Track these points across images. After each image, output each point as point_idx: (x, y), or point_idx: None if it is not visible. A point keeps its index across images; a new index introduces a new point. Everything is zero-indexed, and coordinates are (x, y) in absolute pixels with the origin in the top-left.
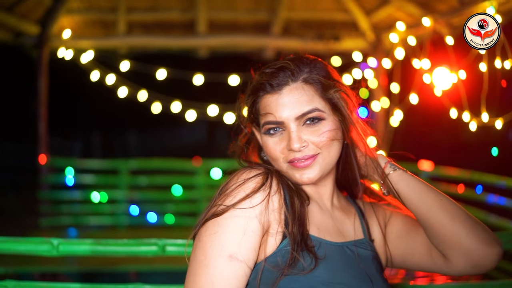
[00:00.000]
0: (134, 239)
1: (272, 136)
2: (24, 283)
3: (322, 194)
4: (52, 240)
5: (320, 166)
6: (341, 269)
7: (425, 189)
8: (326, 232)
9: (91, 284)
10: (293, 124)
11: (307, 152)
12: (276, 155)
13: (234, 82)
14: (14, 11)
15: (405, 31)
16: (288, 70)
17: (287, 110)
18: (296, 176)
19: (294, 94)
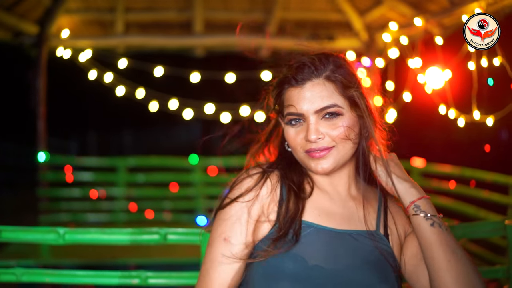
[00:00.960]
0: (137, 228)
1: (293, 126)
2: (32, 270)
3: (336, 184)
4: (58, 229)
5: (335, 159)
6: (325, 252)
7: (437, 244)
8: (328, 219)
9: (95, 271)
10: (312, 117)
11: (323, 144)
12: (296, 144)
13: (230, 81)
14: (14, 11)
15: (397, 31)
16: (312, 66)
17: (307, 104)
18: (312, 165)
19: (316, 89)
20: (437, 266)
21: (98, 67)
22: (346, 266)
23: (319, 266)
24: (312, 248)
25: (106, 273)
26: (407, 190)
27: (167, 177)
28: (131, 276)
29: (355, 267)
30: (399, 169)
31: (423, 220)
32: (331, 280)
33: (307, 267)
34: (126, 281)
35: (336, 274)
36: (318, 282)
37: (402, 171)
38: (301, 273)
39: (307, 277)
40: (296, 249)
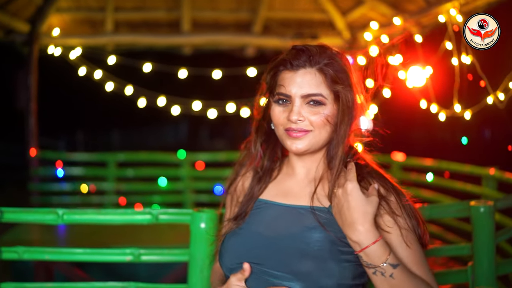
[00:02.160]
0: (130, 209)
1: (280, 105)
2: (33, 248)
3: (309, 168)
4: (57, 210)
5: (310, 142)
6: (269, 222)
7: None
8: (283, 197)
9: (92, 249)
10: (298, 100)
11: (302, 126)
12: (278, 122)
13: (217, 77)
14: (6, 10)
15: (378, 30)
16: (309, 56)
17: (296, 88)
18: (288, 143)
19: (306, 77)
20: None
21: (88, 65)
22: (284, 234)
23: (259, 233)
24: (259, 218)
25: (102, 251)
26: (351, 242)
27: (156, 172)
28: (125, 253)
29: (293, 235)
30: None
31: (366, 267)
32: (268, 245)
33: (250, 231)
34: (121, 258)
35: (273, 240)
36: (257, 245)
37: (353, 209)
38: (244, 236)
39: (247, 240)
40: (245, 222)
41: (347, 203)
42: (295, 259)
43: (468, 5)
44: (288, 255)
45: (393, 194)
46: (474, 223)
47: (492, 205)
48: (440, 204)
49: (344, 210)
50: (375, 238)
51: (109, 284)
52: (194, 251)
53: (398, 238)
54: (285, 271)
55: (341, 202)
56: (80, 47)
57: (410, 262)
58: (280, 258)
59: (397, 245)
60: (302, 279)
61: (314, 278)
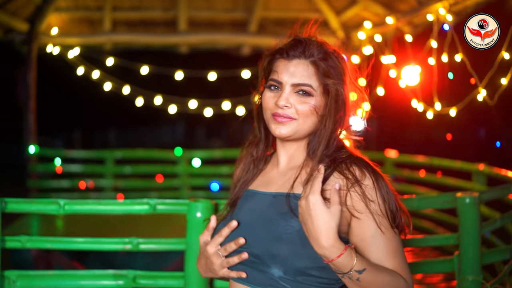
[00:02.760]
0: (129, 199)
1: (271, 91)
2: (35, 237)
3: (291, 155)
4: (59, 201)
5: (293, 129)
6: (246, 209)
7: None
8: (266, 186)
9: (93, 238)
10: (288, 88)
11: (288, 112)
12: (267, 106)
13: (213, 77)
14: (5, 9)
15: (371, 29)
16: (305, 48)
17: (288, 76)
18: (272, 127)
19: (299, 67)
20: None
21: (86, 64)
22: (262, 220)
23: (243, 220)
24: (244, 207)
25: (103, 240)
26: (318, 253)
27: (153, 169)
28: (124, 242)
29: (270, 221)
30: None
31: (336, 273)
32: (249, 231)
33: (235, 219)
34: (120, 247)
35: (253, 226)
36: (239, 232)
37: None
38: None
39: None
40: (234, 211)
41: (311, 218)
42: (272, 243)
43: (458, 4)
44: (266, 239)
45: (371, 179)
46: (460, 214)
47: (477, 196)
48: (428, 195)
49: (308, 224)
50: (340, 251)
51: (108, 272)
52: (190, 240)
53: (371, 225)
54: (265, 254)
55: (305, 215)
56: (78, 46)
57: (382, 251)
58: (259, 242)
59: (371, 234)
60: (280, 262)
61: (289, 261)
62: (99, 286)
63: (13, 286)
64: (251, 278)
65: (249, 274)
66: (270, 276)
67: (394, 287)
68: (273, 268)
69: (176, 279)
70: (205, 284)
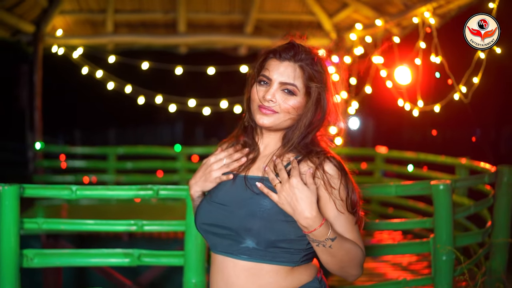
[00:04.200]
0: (134, 185)
1: (261, 85)
2: (51, 220)
3: (267, 143)
4: (71, 187)
5: (274, 121)
6: (225, 190)
7: (321, 254)
8: (247, 170)
9: (102, 220)
10: (276, 85)
11: (272, 106)
12: (255, 98)
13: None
14: (13, 12)
15: (362, 30)
16: (296, 53)
17: (277, 74)
18: (257, 117)
19: (289, 69)
20: (321, 260)
21: (89, 64)
22: (238, 200)
23: (221, 199)
24: (219, 190)
25: (110, 222)
26: (300, 226)
27: (153, 164)
28: (130, 224)
29: (245, 200)
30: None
31: (311, 241)
32: (226, 209)
33: (215, 198)
34: (127, 228)
35: (230, 204)
36: (218, 210)
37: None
38: (208, 203)
39: (210, 206)
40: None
41: (295, 196)
42: (247, 219)
43: (442, 8)
44: (241, 216)
45: (337, 172)
46: (435, 199)
47: (450, 184)
48: (405, 184)
49: (294, 201)
50: (320, 221)
51: (116, 251)
52: (190, 222)
53: (333, 208)
54: (241, 228)
55: (289, 195)
56: (82, 46)
57: (343, 227)
58: (236, 218)
59: (333, 214)
60: (253, 235)
61: (262, 235)
62: (108, 264)
63: (31, 263)
64: (228, 248)
65: (226, 245)
66: (245, 247)
67: (354, 253)
68: (248, 240)
69: (176, 257)
70: (203, 261)
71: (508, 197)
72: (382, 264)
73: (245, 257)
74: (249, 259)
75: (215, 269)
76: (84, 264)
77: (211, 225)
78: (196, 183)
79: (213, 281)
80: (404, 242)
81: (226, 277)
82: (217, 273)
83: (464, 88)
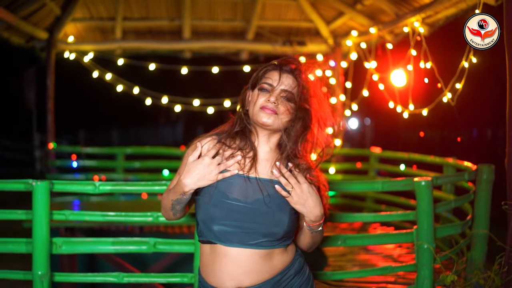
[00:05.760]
0: (153, 180)
1: (262, 92)
2: (77, 212)
3: (264, 140)
4: (94, 182)
5: (274, 120)
6: (237, 191)
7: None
8: (256, 170)
9: (122, 212)
10: (278, 91)
11: (274, 108)
12: (257, 102)
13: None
14: (29, 20)
15: (357, 37)
16: (294, 68)
17: (279, 83)
18: (260, 115)
19: (288, 79)
20: (302, 239)
21: (99, 68)
22: (254, 201)
23: (237, 199)
24: (232, 189)
25: (129, 214)
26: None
27: (159, 164)
28: (147, 215)
29: (258, 201)
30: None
31: (308, 229)
32: (243, 209)
33: (229, 199)
34: (144, 219)
35: (246, 205)
36: (236, 210)
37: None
38: (224, 202)
39: (229, 206)
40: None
41: (309, 199)
42: (266, 216)
43: (431, 17)
44: (262, 213)
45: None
46: (417, 194)
47: (430, 180)
48: (390, 180)
49: (309, 203)
50: (323, 217)
51: (134, 239)
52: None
53: None
54: (262, 225)
55: (303, 198)
56: (92, 52)
57: None
58: (257, 216)
59: None
60: (271, 229)
61: (277, 228)
62: (127, 250)
63: (60, 250)
64: (248, 241)
65: (246, 239)
66: (265, 240)
67: (321, 237)
68: (267, 233)
69: (188, 245)
70: None
71: (487, 192)
72: (374, 256)
73: (262, 247)
74: (266, 247)
75: (223, 260)
76: (105, 251)
77: (238, 223)
78: (194, 182)
79: (223, 271)
80: (390, 232)
81: (242, 265)
82: (227, 264)
83: (450, 94)
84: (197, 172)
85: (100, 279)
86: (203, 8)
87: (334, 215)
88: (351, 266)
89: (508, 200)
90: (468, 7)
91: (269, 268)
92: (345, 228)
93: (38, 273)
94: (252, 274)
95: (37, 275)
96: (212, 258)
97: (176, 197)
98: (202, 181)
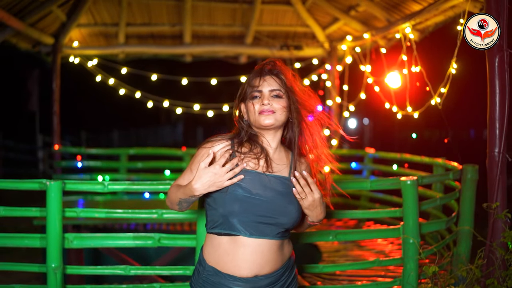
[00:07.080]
0: (157, 180)
1: (254, 100)
2: (87, 209)
3: (271, 139)
4: (104, 182)
5: (274, 119)
6: (259, 187)
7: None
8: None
9: (128, 209)
10: (267, 93)
11: (270, 108)
12: (254, 110)
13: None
14: (36, 26)
15: (352, 41)
16: (271, 69)
17: (265, 86)
18: (261, 119)
19: (271, 80)
20: (298, 230)
21: (102, 72)
22: (272, 195)
23: (258, 195)
24: (254, 186)
25: (136, 211)
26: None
27: (161, 164)
28: (152, 212)
29: (275, 195)
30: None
31: (308, 224)
32: (264, 203)
33: (252, 194)
34: (149, 216)
35: (267, 199)
36: (257, 203)
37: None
38: (248, 197)
39: (251, 201)
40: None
41: (319, 207)
42: (286, 210)
43: (421, 24)
44: (282, 207)
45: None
46: (403, 193)
47: (416, 180)
48: (377, 179)
49: (317, 210)
50: (324, 216)
51: (140, 234)
52: (200, 211)
53: None
54: (283, 218)
55: (314, 205)
56: (96, 56)
57: None
58: (279, 210)
59: None
60: (288, 222)
61: (291, 221)
62: (134, 245)
63: (71, 244)
64: (269, 233)
65: (267, 231)
66: (282, 231)
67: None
68: (285, 226)
69: (190, 240)
70: None
71: (472, 191)
72: (366, 252)
73: (279, 237)
74: (281, 238)
75: (246, 250)
76: (114, 245)
77: (261, 216)
78: (204, 188)
79: (244, 260)
80: (379, 228)
81: (264, 255)
82: (250, 254)
83: (438, 99)
84: (208, 179)
85: (108, 272)
86: (203, 14)
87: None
88: (344, 261)
89: (489, 198)
90: (455, 14)
91: (283, 257)
92: (340, 226)
93: (52, 266)
94: (271, 263)
95: (51, 267)
96: (232, 248)
97: (184, 197)
98: (212, 187)
